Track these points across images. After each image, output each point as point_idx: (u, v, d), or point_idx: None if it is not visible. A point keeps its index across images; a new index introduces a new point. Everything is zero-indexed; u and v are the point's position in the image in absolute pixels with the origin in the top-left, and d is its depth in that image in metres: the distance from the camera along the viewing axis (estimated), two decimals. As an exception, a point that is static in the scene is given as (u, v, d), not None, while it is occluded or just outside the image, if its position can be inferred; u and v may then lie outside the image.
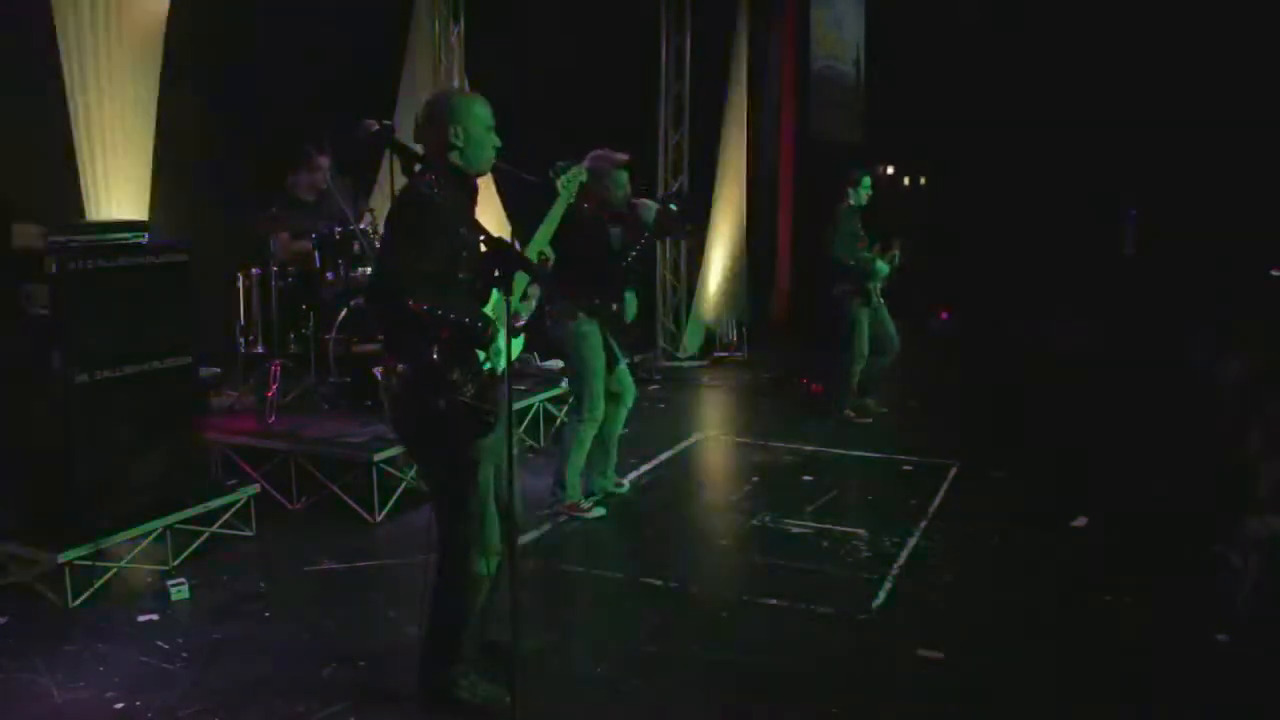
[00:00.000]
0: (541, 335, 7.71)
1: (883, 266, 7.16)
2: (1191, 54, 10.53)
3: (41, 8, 4.94)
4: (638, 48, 9.36)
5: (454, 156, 3.18)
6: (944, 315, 12.08)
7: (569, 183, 4.00)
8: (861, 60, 12.72)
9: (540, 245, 3.82)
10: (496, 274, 3.00)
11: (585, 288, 5.12)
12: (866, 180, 7.19)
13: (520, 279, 3.43)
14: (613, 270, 5.20)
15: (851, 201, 7.14)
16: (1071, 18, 11.30)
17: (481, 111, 3.22)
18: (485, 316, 3.10)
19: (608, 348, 5.26)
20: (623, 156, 5.23)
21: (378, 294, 3.18)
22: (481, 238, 3.09)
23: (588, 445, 5.29)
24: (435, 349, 3.02)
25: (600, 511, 5.28)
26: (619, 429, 5.58)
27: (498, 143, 3.26)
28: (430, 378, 3.05)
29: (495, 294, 3.26)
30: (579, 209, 5.17)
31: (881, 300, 7.24)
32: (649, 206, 5.31)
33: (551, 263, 3.87)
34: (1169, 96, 10.75)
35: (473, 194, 3.29)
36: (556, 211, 3.94)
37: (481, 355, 3.18)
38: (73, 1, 4.98)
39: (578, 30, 8.49)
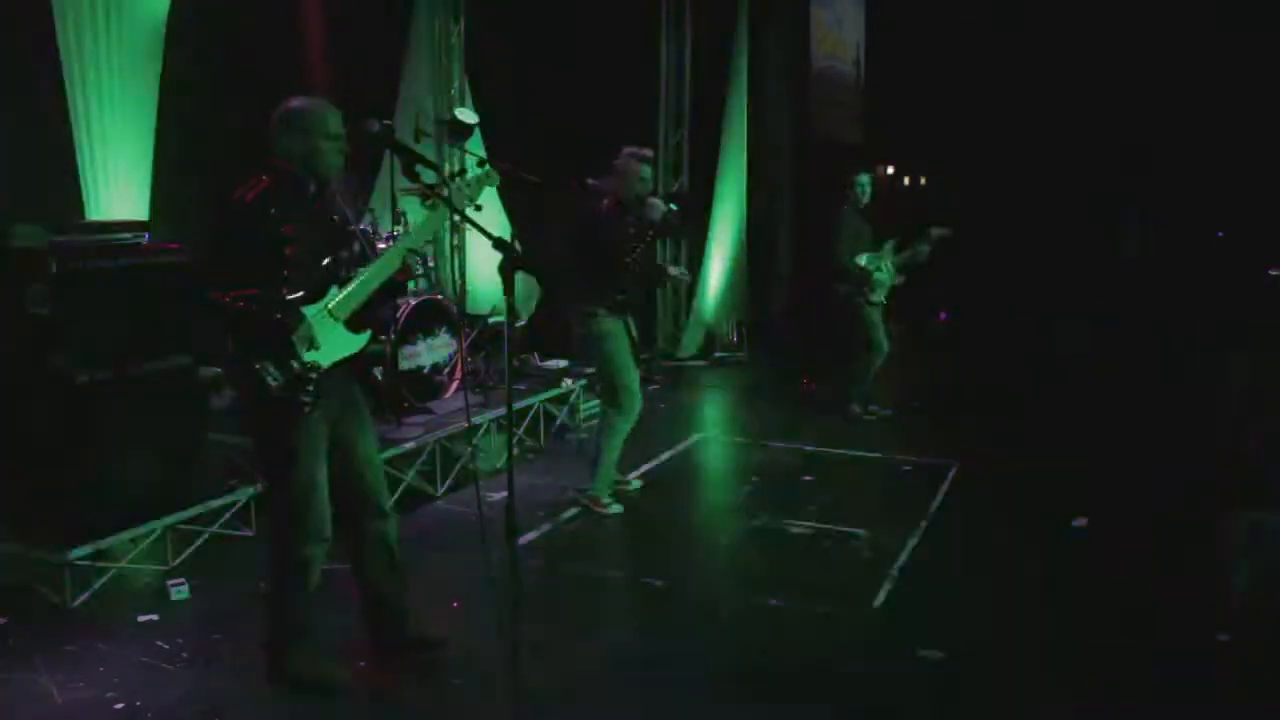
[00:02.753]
0: (539, 334, 7.75)
1: (884, 276, 7.14)
2: (1191, 53, 10.52)
3: (41, 8, 4.94)
4: (638, 48, 9.36)
5: (294, 165, 3.33)
6: (943, 316, 12.09)
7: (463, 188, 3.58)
8: (861, 60, 12.71)
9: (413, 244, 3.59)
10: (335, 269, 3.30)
11: (605, 285, 5.12)
12: (864, 179, 7.18)
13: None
14: (628, 267, 5.16)
15: (851, 203, 7.15)
16: (1071, 17, 11.30)
17: (317, 119, 3.34)
18: (286, 310, 3.19)
19: (632, 348, 5.27)
20: (646, 152, 5.22)
21: (191, 289, 3.36)
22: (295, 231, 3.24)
23: (621, 440, 5.30)
24: (234, 339, 3.23)
25: (618, 509, 5.28)
26: None
27: (345, 149, 3.38)
28: (237, 367, 3.26)
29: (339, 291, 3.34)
30: (597, 207, 5.18)
31: (884, 302, 7.25)
32: (656, 206, 5.27)
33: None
34: (1169, 96, 10.76)
35: (313, 197, 3.39)
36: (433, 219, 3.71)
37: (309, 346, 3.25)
38: (73, 1, 4.98)
39: (578, 30, 8.48)
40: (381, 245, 5.80)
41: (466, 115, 7.12)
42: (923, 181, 15.11)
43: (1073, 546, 4.94)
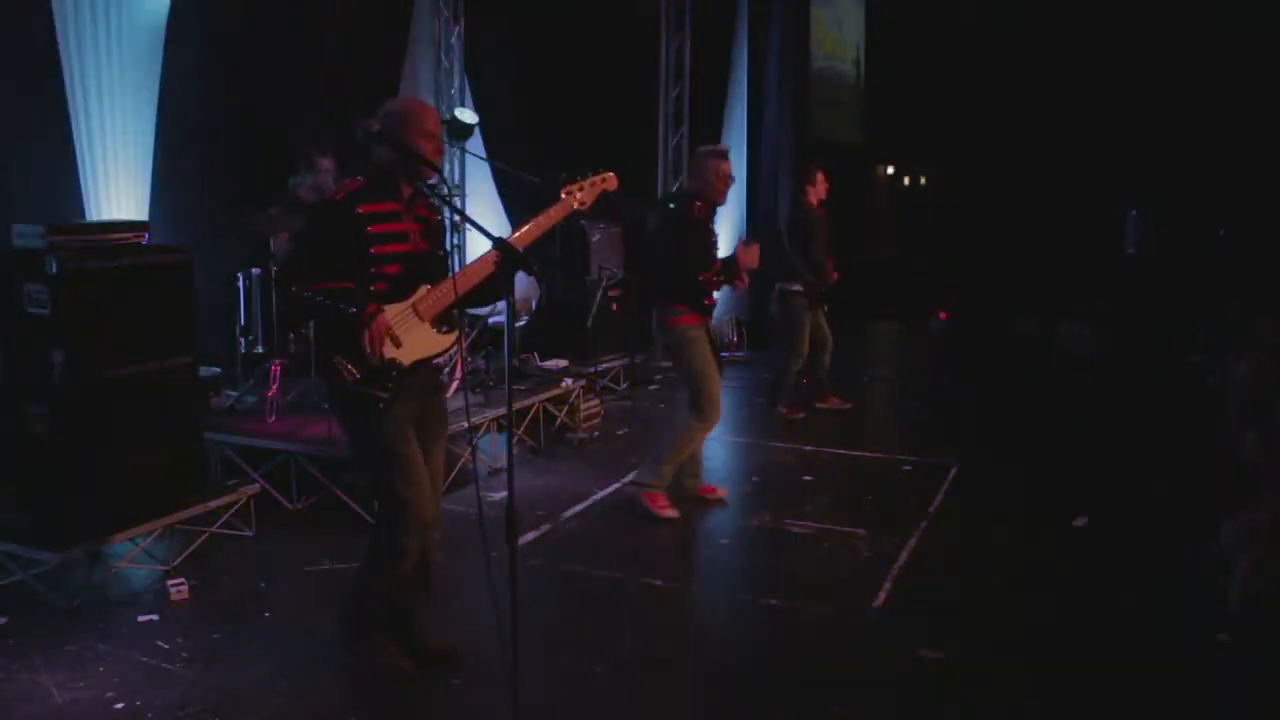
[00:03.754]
0: (539, 334, 7.75)
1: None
2: (1192, 53, 10.53)
3: (41, 8, 4.95)
4: (637, 48, 9.36)
5: (390, 164, 3.29)
6: (942, 315, 12.10)
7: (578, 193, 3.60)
8: (861, 60, 12.72)
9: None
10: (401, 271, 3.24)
11: (693, 291, 5.04)
12: (819, 176, 7.22)
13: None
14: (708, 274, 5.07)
15: (811, 199, 7.20)
16: (1072, 17, 11.30)
17: (414, 117, 3.32)
18: (362, 304, 3.15)
19: (715, 353, 5.18)
20: (723, 147, 5.10)
21: (275, 282, 3.41)
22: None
23: (695, 444, 5.22)
24: (317, 334, 3.29)
25: (673, 514, 5.17)
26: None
27: (442, 148, 3.37)
28: (322, 361, 3.25)
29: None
30: (689, 210, 5.12)
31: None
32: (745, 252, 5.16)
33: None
34: (1170, 96, 10.76)
35: (409, 197, 3.34)
36: (547, 217, 3.53)
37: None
38: (73, 1, 4.99)
39: (578, 30, 8.49)
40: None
41: (466, 115, 7.13)
42: (923, 181, 15.12)
43: (1072, 546, 4.94)
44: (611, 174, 3.62)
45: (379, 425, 3.26)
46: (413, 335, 3.27)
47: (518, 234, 3.42)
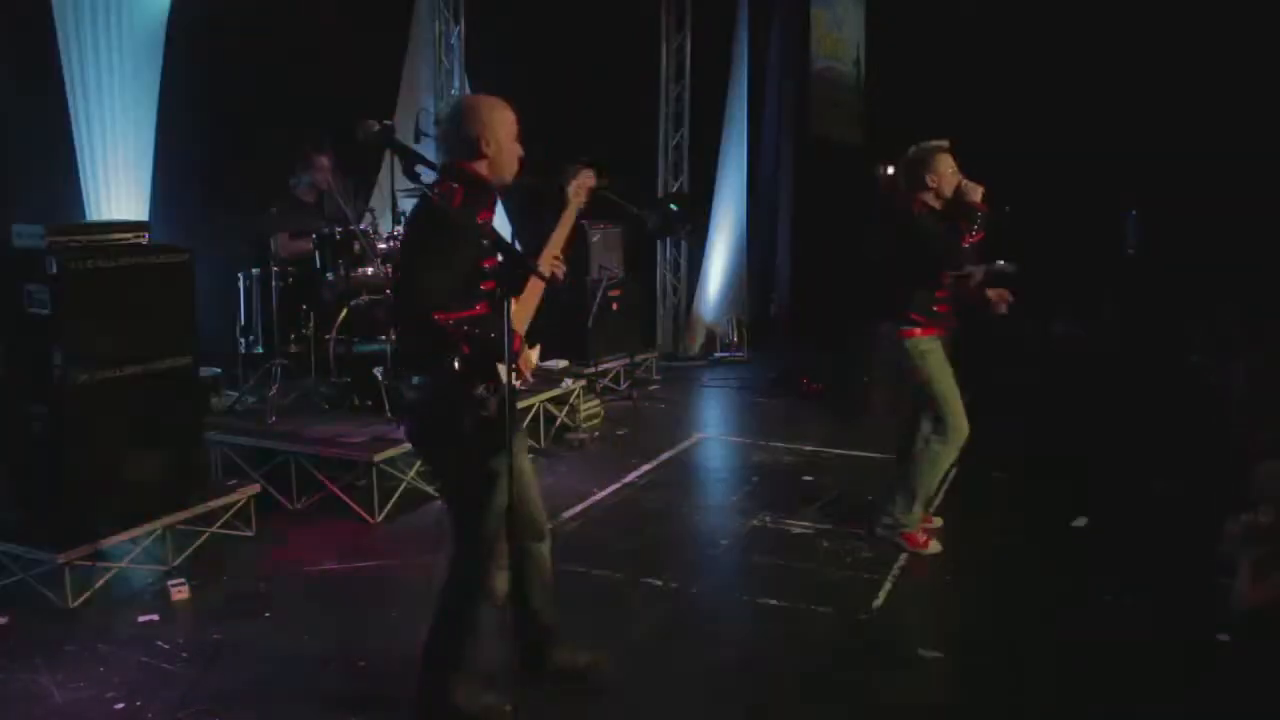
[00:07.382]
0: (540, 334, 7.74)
1: None
2: (1193, 53, 10.53)
3: (41, 8, 4.95)
4: (638, 48, 9.36)
5: (481, 166, 3.09)
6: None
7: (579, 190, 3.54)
8: (861, 60, 12.71)
9: (552, 253, 3.34)
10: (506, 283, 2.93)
11: (922, 299, 4.67)
12: None
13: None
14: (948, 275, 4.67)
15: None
16: (1072, 17, 11.31)
17: (510, 118, 3.14)
18: (501, 329, 2.87)
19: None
20: (940, 142, 4.73)
21: (405, 312, 3.12)
22: (491, 243, 2.98)
23: (942, 469, 4.81)
24: (455, 362, 2.93)
25: (937, 547, 4.80)
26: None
27: (521, 151, 3.16)
28: (453, 392, 3.00)
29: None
30: (904, 209, 4.71)
31: None
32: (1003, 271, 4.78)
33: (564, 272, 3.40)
34: (1171, 94, 10.76)
35: (491, 203, 3.20)
36: (567, 219, 3.46)
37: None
38: (73, 1, 4.99)
39: (578, 30, 8.49)
40: (382, 246, 5.82)
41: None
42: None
43: (1073, 546, 4.94)
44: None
45: (502, 455, 2.94)
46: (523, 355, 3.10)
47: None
